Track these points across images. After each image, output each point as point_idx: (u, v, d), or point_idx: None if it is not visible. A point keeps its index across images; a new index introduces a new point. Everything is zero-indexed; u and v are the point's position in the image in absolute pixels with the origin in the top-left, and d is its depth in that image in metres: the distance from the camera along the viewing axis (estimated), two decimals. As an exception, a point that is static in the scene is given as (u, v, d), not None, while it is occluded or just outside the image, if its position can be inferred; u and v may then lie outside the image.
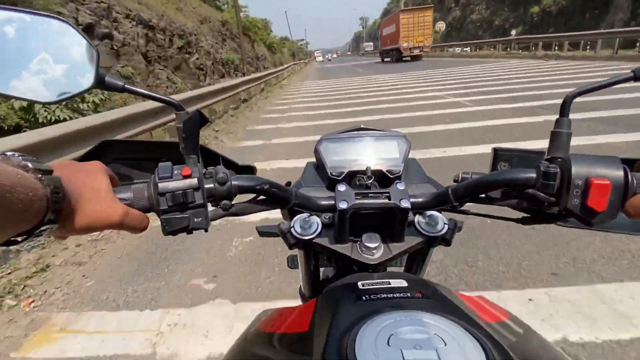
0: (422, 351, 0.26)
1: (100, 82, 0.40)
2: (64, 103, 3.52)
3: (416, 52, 21.55)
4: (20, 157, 0.29)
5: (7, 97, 0.38)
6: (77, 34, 0.39)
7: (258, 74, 10.78)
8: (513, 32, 23.30)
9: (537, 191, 0.37)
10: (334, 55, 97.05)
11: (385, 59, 25.65)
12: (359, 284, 0.38)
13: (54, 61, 0.39)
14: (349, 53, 59.70)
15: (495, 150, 0.49)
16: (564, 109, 0.41)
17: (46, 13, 0.39)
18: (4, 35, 0.35)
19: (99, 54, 0.41)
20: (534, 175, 0.37)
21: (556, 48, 15.68)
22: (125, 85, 0.41)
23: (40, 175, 0.28)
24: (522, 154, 0.47)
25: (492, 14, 31.42)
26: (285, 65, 19.95)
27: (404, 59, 22.18)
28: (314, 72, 22.81)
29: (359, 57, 57.22)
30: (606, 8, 20.22)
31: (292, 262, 0.86)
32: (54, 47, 0.39)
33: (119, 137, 3.09)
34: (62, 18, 0.40)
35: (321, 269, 0.67)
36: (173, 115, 0.40)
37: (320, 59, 62.41)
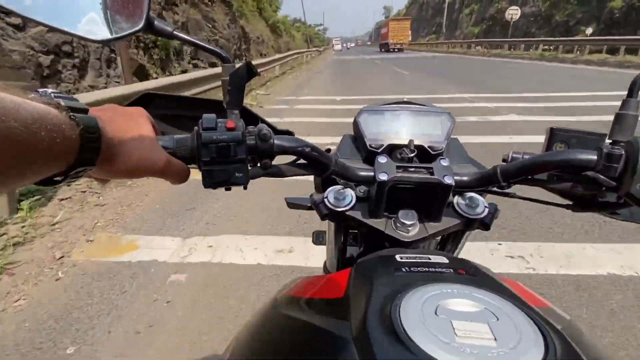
0: (473, 323, 0.29)
1: (149, 26, 0.48)
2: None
3: (398, 47, 42.70)
4: (52, 94, 0.32)
5: (66, 34, 0.46)
6: None
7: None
8: (589, 30, 21.70)
9: (598, 174, 0.42)
10: (352, 45, 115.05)
11: (382, 50, 45.76)
12: (397, 256, 0.43)
13: (107, 2, 0.47)
14: (369, 43, 67.60)
15: (551, 129, 0.54)
16: (633, 89, 0.45)
17: None
18: None
19: None
20: (594, 157, 0.42)
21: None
22: (174, 32, 0.49)
23: (71, 114, 0.31)
24: (581, 134, 0.51)
25: (551, 6, 29.64)
26: (272, 58, 13.62)
27: (390, 50, 42.33)
28: (325, 67, 19.49)
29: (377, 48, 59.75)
30: None
31: (317, 238, 0.95)
32: None
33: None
34: None
35: (347, 248, 0.73)
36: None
37: (339, 47, 65.52)
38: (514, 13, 28.03)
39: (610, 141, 0.45)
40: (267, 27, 22.78)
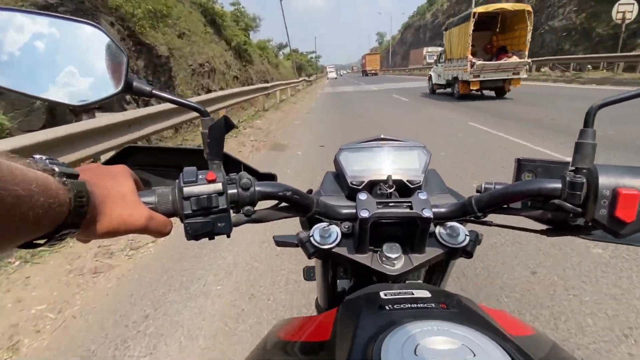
0: None
1: (128, 87, 0.60)
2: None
3: (372, 72, 69.22)
4: (47, 161, 0.40)
5: (41, 100, 0.56)
6: (108, 39, 0.61)
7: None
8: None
9: (563, 201, 0.53)
10: (344, 72, 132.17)
11: (363, 74, 72.06)
12: (381, 293, 0.53)
13: (85, 65, 0.60)
14: (383, 69, 77.87)
15: (519, 160, 0.67)
16: (588, 119, 0.57)
17: (79, 19, 0.60)
18: (39, 40, 0.57)
19: (128, 59, 0.62)
20: (559, 185, 0.54)
21: None
22: (153, 91, 0.62)
23: (65, 180, 0.39)
24: (546, 164, 0.65)
25: (590, 17, 27.28)
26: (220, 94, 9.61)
27: (366, 75, 68.94)
28: (314, 110, 15.59)
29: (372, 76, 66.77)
30: None
31: (307, 274, 1.10)
32: (86, 51, 0.61)
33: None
34: (94, 23, 0.61)
35: (338, 282, 0.87)
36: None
37: (334, 75, 70.44)
38: (627, 10, 19.14)
39: (574, 169, 0.56)
40: (229, 50, 19.94)
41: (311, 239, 0.64)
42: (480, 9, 13.76)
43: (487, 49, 15.98)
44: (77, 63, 0.61)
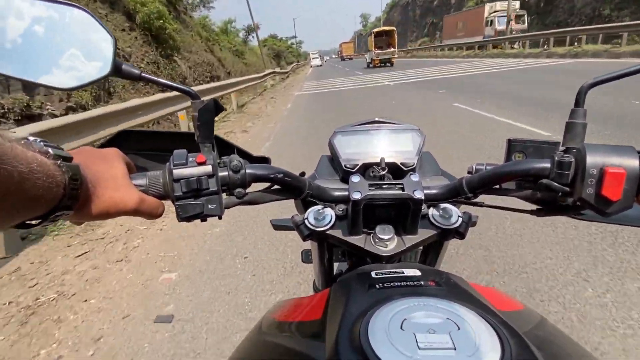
0: (435, 335, 0.38)
1: (117, 70, 0.60)
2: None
3: (348, 57, 79.52)
4: (42, 143, 0.41)
5: (30, 83, 0.56)
6: (96, 22, 0.61)
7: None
8: None
9: (552, 181, 0.54)
10: (334, 56, 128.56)
11: (342, 59, 79.17)
12: (372, 273, 0.55)
13: (73, 48, 0.60)
14: (361, 53, 78.36)
15: (509, 140, 0.68)
16: (579, 99, 0.58)
17: (67, 2, 0.60)
18: (28, 24, 0.56)
19: (116, 41, 0.62)
20: (548, 165, 0.55)
21: None
22: (142, 74, 0.62)
23: (59, 162, 0.40)
24: (536, 144, 0.66)
25: None
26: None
27: (343, 59, 78.17)
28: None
29: (358, 60, 59.82)
30: None
31: (306, 257, 1.14)
32: (73, 34, 0.60)
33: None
34: (81, 7, 0.60)
35: (335, 264, 0.89)
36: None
37: (318, 62, 65.86)
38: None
39: (564, 149, 0.58)
40: (132, 31, 11.84)
41: (306, 221, 0.65)
42: (375, 30, 37.84)
43: (381, 45, 35.83)
44: (65, 47, 0.61)
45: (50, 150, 0.41)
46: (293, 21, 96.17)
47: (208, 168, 0.55)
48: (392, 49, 33.13)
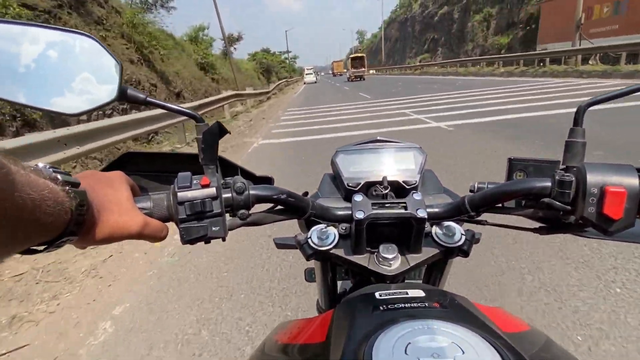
0: (439, 359, 0.38)
1: (122, 95, 0.62)
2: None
3: (339, 74, 77.78)
4: (51, 170, 0.42)
5: (38, 110, 0.57)
6: (102, 49, 0.63)
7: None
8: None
9: (553, 200, 0.54)
10: (323, 73, 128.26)
11: (333, 75, 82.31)
12: (376, 294, 0.55)
13: (80, 75, 0.62)
14: (345, 70, 77.10)
15: (510, 160, 0.69)
16: (578, 118, 0.59)
17: (74, 30, 0.62)
18: (35, 51, 0.58)
19: (122, 67, 0.64)
20: (549, 184, 0.55)
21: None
22: (147, 98, 0.63)
23: (68, 188, 0.41)
24: (537, 163, 0.67)
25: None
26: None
27: (334, 75, 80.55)
28: None
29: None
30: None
31: (309, 276, 1.13)
32: (80, 61, 0.62)
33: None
34: (88, 34, 0.62)
35: (339, 283, 0.89)
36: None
37: (312, 78, 59.62)
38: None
39: (564, 167, 0.59)
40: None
41: (309, 240, 0.66)
42: (352, 55, 53.62)
43: (356, 65, 47.90)
44: (73, 74, 0.63)
45: (59, 176, 0.42)
46: (285, 34, 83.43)
47: (212, 190, 0.55)
48: (363, 69, 48.20)
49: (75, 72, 0.63)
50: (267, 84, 37.14)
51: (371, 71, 77.51)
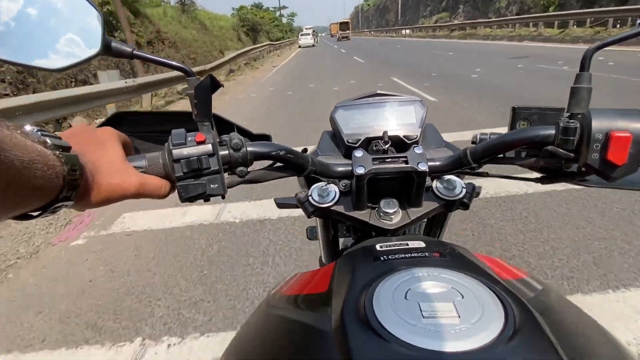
0: (439, 304, 0.39)
1: (107, 49, 0.58)
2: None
3: (337, 36, 70.62)
4: (39, 132, 0.40)
5: (20, 66, 0.58)
6: (83, 0, 0.59)
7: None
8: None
9: (557, 147, 0.54)
10: (323, 34, 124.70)
11: (331, 36, 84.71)
12: (377, 246, 0.55)
13: (61, 28, 0.59)
14: (347, 32, 73.42)
15: (514, 108, 0.67)
16: (584, 63, 0.58)
17: None
18: (14, 7, 0.54)
19: (104, 19, 0.60)
20: (553, 131, 0.54)
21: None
22: (134, 52, 0.60)
23: (58, 152, 0.39)
24: (541, 111, 0.65)
25: None
26: None
27: (331, 37, 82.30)
28: None
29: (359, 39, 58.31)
30: None
31: (311, 234, 1.15)
32: (62, 14, 0.58)
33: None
34: None
35: (340, 240, 0.90)
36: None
37: (309, 40, 48.19)
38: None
39: (568, 115, 0.58)
40: None
41: (310, 198, 0.66)
42: (340, 21, 73.95)
43: (343, 28, 65.30)
44: (56, 27, 0.59)
45: (48, 140, 0.40)
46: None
47: (208, 147, 0.53)
48: (348, 31, 62.79)
49: (60, 26, 0.60)
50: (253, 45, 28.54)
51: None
